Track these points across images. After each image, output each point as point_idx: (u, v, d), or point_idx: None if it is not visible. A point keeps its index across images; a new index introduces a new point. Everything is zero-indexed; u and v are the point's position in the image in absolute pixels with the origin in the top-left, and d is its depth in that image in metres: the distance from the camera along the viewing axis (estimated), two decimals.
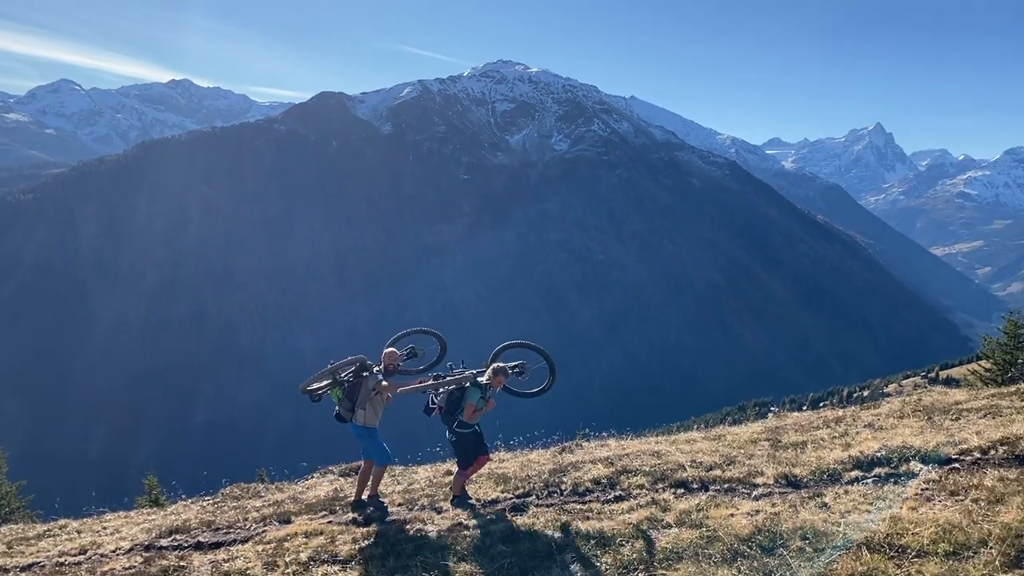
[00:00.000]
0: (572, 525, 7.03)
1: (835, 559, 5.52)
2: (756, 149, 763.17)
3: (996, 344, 26.18)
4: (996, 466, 7.35)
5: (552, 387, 9.16)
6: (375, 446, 8.88)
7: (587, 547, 6.39)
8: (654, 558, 5.93)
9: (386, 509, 8.79)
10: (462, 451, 8.61)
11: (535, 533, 6.94)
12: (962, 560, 5.25)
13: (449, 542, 7.20)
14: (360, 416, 8.80)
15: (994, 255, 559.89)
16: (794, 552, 5.75)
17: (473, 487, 9.27)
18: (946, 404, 11.36)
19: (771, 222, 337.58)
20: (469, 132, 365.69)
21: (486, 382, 8.47)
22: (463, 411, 8.41)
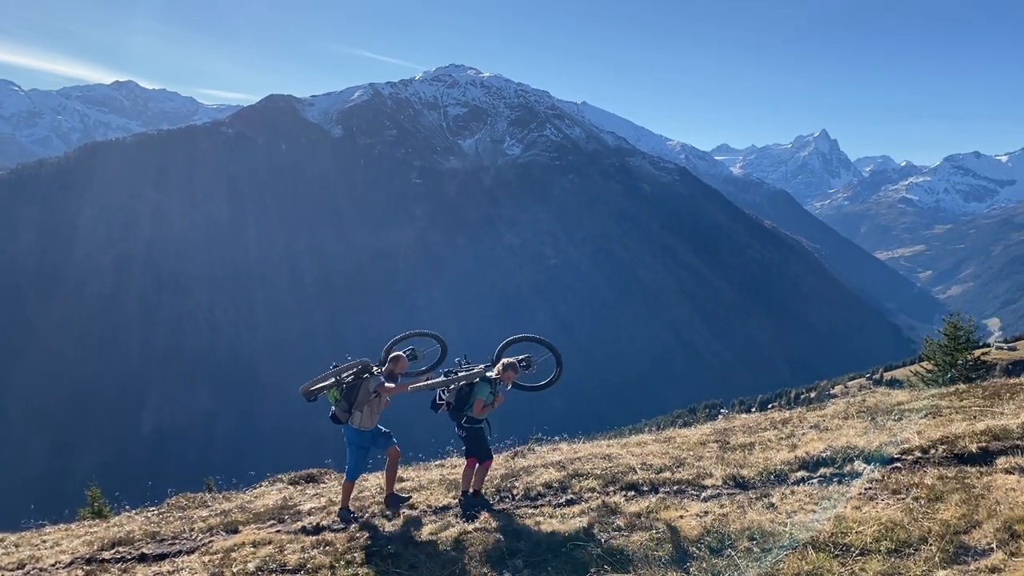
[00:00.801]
0: (524, 529, 7.02)
1: (782, 559, 5.60)
2: (705, 155, 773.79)
3: (937, 346, 26.94)
4: (936, 465, 7.55)
5: (559, 379, 9.06)
6: (355, 459, 8.70)
7: (539, 551, 6.39)
8: (605, 561, 5.95)
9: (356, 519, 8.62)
10: (477, 444, 8.49)
11: (487, 539, 6.91)
12: (903, 557, 5.37)
13: (400, 549, 7.13)
14: (356, 418, 8.60)
15: (935, 259, 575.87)
16: (742, 553, 5.82)
17: (424, 494, 9.21)
18: (889, 405, 11.64)
19: (720, 227, 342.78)
20: (421, 136, 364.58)
21: (496, 377, 8.41)
22: (472, 407, 8.34)
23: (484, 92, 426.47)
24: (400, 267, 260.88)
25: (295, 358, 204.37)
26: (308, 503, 9.75)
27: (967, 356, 25.89)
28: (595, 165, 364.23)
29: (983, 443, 7.91)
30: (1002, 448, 7.73)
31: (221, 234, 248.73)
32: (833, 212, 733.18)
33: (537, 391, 9.28)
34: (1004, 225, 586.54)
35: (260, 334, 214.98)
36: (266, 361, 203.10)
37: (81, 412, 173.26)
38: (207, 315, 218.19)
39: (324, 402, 9.05)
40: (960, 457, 7.71)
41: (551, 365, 8.96)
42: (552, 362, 8.96)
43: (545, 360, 8.91)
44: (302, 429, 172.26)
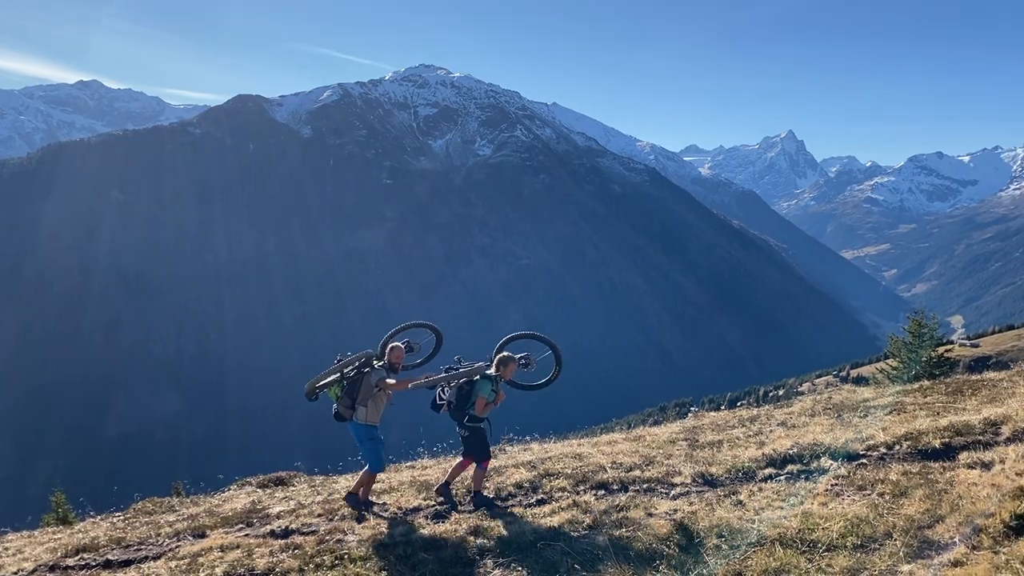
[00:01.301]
0: (494, 530, 7.01)
1: (750, 555, 5.65)
2: (674, 156, 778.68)
3: (902, 343, 27.32)
4: (900, 461, 7.67)
5: (558, 377, 8.94)
6: (371, 451, 8.57)
7: (509, 551, 6.39)
8: (575, 560, 5.96)
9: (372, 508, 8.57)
10: (476, 445, 8.40)
11: (457, 540, 6.89)
12: (869, 552, 5.44)
13: (370, 552, 7.08)
14: (361, 414, 8.52)
15: (900, 258, 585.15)
16: (711, 550, 5.86)
17: (395, 495, 9.17)
18: (855, 402, 11.83)
19: (689, 227, 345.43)
20: (391, 136, 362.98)
21: (495, 374, 8.31)
22: (473, 405, 8.24)
23: (454, 92, 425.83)
24: (371, 268, 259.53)
25: (265, 360, 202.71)
26: (277, 506, 9.66)
27: (931, 353, 26.31)
28: (566, 166, 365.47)
29: (946, 439, 8.05)
30: (964, 443, 7.88)
31: (189, 235, 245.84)
32: (800, 212, 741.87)
33: (537, 389, 9.18)
34: (966, 224, 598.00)
35: (229, 336, 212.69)
36: (235, 364, 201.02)
37: (45, 417, 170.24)
38: (174, 317, 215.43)
39: (294, 404, 8.92)
40: (924, 453, 7.84)
41: (550, 363, 8.84)
42: (551, 360, 8.83)
43: (544, 358, 8.78)
44: (273, 432, 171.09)
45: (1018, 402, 9.25)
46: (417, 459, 12.58)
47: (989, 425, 8.29)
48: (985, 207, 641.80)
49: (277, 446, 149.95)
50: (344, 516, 8.63)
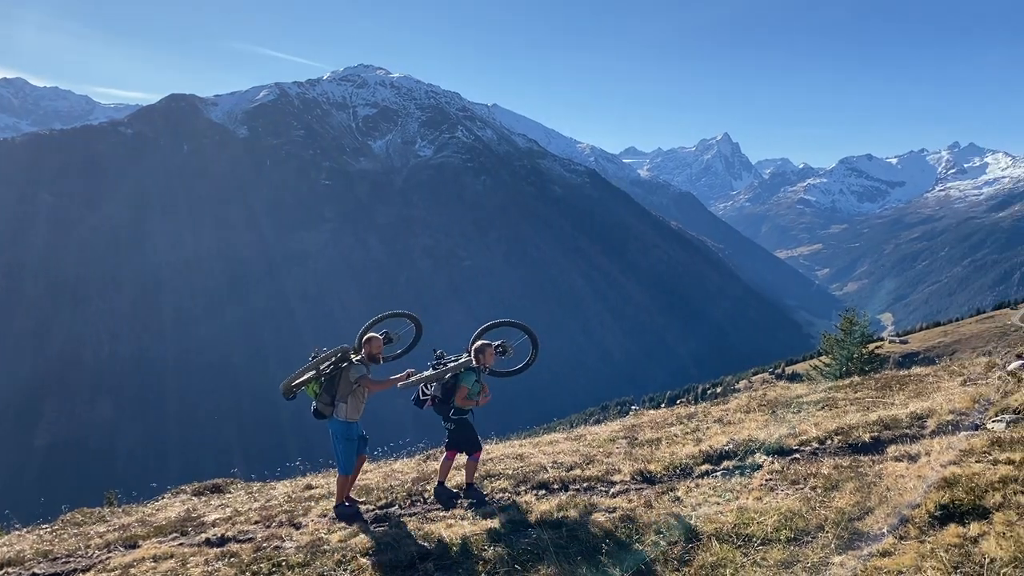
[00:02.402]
0: (435, 533, 6.98)
1: (688, 551, 5.73)
2: (614, 158, 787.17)
3: (834, 340, 28.15)
4: (832, 455, 7.88)
5: (536, 360, 8.87)
6: (344, 453, 8.31)
7: (449, 554, 6.36)
8: (516, 560, 5.96)
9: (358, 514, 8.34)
10: (466, 436, 8.30)
11: (397, 543, 6.84)
12: (802, 545, 5.57)
13: (308, 558, 6.97)
14: (342, 410, 8.25)
15: (832, 257, 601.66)
16: (649, 546, 5.92)
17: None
18: (788, 398, 12.10)
19: (629, 228, 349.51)
20: (330, 137, 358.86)
21: (476, 364, 8.23)
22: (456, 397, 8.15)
23: (394, 93, 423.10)
24: (312, 269, 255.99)
25: (202, 365, 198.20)
26: (213, 514, 9.46)
27: (862, 350, 27.15)
28: (507, 167, 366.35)
29: (875, 433, 8.30)
30: (892, 437, 8.13)
31: (122, 238, 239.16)
32: (736, 213, 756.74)
33: (515, 375, 9.13)
34: (895, 224, 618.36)
35: (165, 341, 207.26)
36: (171, 369, 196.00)
37: None
38: (108, 322, 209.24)
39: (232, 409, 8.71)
40: (854, 447, 8.07)
41: (526, 348, 8.80)
42: (527, 344, 8.79)
43: (520, 344, 8.73)
44: (211, 438, 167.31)
45: (942, 396, 9.58)
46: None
47: (915, 419, 8.58)
48: (912, 208, 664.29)
49: (215, 453, 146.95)
50: (282, 522, 8.48)
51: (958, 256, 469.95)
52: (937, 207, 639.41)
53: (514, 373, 9.09)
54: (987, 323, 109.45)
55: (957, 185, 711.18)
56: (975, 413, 8.47)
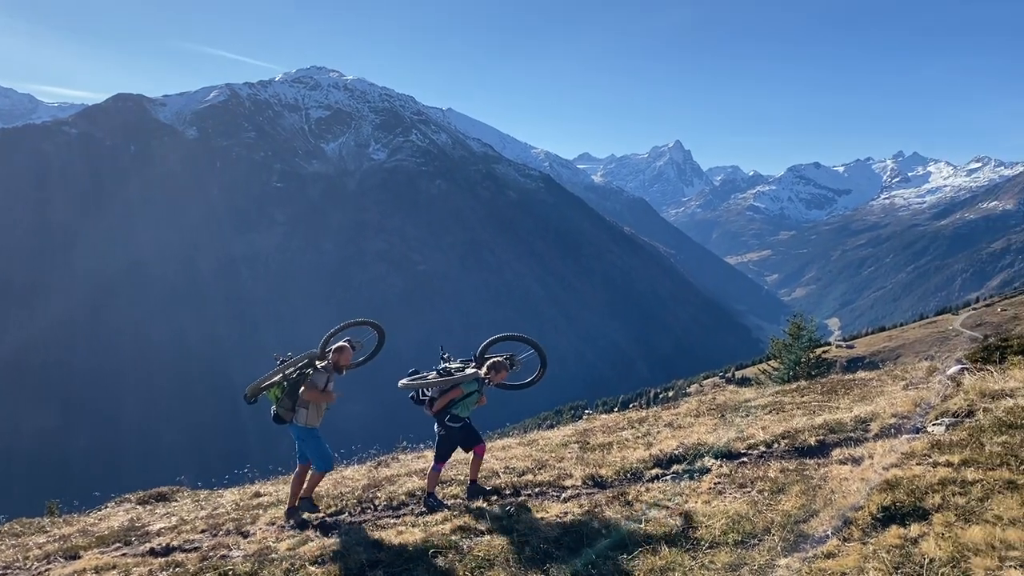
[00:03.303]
0: (385, 540, 6.91)
1: (637, 555, 5.76)
2: (568, 163, 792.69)
3: (782, 345, 28.62)
4: (779, 458, 8.01)
5: (544, 376, 8.78)
6: (316, 449, 8.18)
7: (399, 561, 6.31)
8: (467, 566, 5.94)
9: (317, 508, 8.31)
10: (446, 446, 8.22)
11: (347, 551, 6.75)
12: (749, 548, 5.64)
13: (256, 568, 6.84)
14: (302, 416, 8.10)
15: (781, 263, 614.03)
16: (599, 551, 5.95)
17: (283, 508, 8.91)
18: (737, 402, 12.30)
19: (583, 233, 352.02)
20: (282, 139, 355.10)
21: (484, 376, 8.17)
22: (457, 404, 8.08)
23: (348, 95, 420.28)
24: (261, 273, 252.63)
25: (146, 372, 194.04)
26: (158, 523, 9.26)
27: (809, 354, 27.68)
28: (462, 171, 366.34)
29: (820, 436, 8.47)
30: (837, 440, 8.30)
31: (68, 240, 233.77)
32: (687, 219, 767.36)
33: (521, 389, 9.02)
34: (841, 231, 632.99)
35: (114, 344, 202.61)
36: (116, 375, 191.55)
37: None
38: (49, 327, 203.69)
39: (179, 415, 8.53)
40: (800, 450, 8.22)
41: (533, 363, 8.72)
42: (535, 360, 8.72)
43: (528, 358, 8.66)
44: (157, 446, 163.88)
45: (886, 400, 9.80)
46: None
47: (860, 422, 8.77)
48: (858, 215, 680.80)
49: (161, 460, 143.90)
50: (229, 531, 8.33)
51: (902, 262, 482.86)
52: (882, 214, 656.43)
53: (519, 387, 8.98)
54: (930, 328, 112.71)
55: (901, 193, 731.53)
56: (916, 417, 8.68)
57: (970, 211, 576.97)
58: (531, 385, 8.90)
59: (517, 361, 8.50)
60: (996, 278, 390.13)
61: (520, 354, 8.61)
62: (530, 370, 8.72)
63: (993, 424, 7.53)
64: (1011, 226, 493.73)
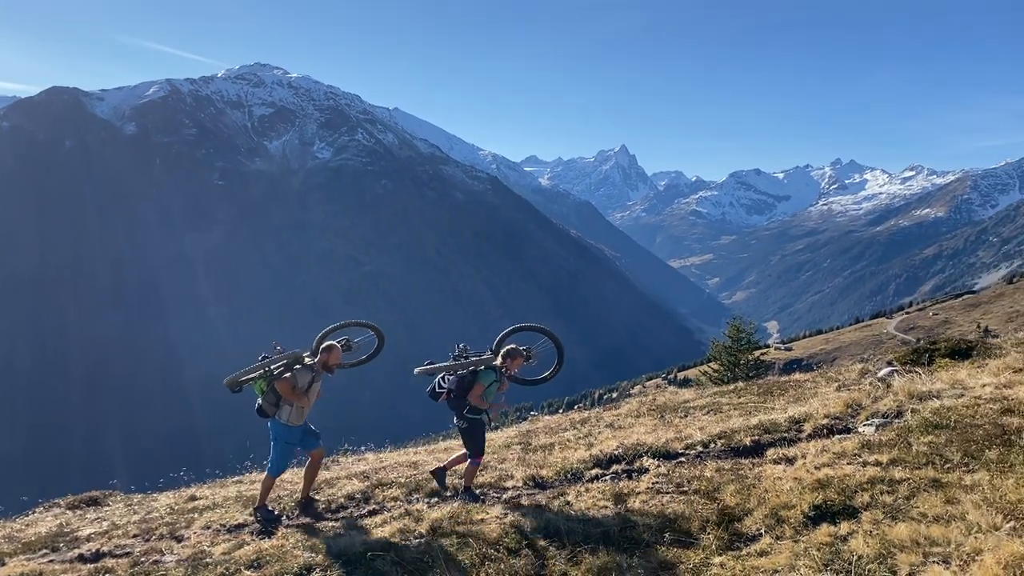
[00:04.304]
0: (323, 544, 6.83)
1: (576, 555, 5.81)
2: (516, 166, 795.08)
3: (722, 347, 29.19)
4: (715, 458, 8.17)
5: (561, 370, 8.63)
6: (278, 454, 8.08)
7: (337, 565, 6.24)
8: (405, 570, 5.91)
9: (278, 518, 8.05)
10: (473, 439, 8.12)
11: (283, 555, 6.65)
12: (685, 547, 5.74)
13: (189, 573, 6.70)
14: (285, 413, 7.95)
15: (722, 267, 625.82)
16: (539, 551, 5.98)
17: (219, 512, 8.75)
18: (676, 403, 12.49)
19: (530, 236, 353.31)
20: (224, 136, 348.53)
21: (500, 365, 8.05)
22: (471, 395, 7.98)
23: (292, 93, 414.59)
24: (201, 273, 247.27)
25: (81, 372, 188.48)
26: (88, 528, 8.99)
27: (748, 356, 28.29)
28: (408, 172, 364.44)
29: (756, 436, 8.66)
30: (771, 440, 8.50)
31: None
32: (632, 223, 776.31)
33: (538, 384, 8.88)
34: (781, 237, 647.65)
35: (41, 347, 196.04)
36: (48, 376, 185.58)
37: None
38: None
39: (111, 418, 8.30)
40: (736, 450, 8.39)
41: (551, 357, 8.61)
42: (552, 353, 8.60)
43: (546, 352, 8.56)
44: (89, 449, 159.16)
45: (819, 401, 10.06)
46: (245, 473, 12.10)
47: (793, 423, 8.99)
48: (797, 221, 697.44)
49: (93, 464, 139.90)
50: (163, 535, 8.14)
51: (839, 267, 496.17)
52: (820, 220, 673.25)
53: (536, 382, 8.84)
54: (865, 331, 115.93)
55: (839, 200, 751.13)
56: (848, 417, 8.94)
57: (904, 218, 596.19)
58: (548, 380, 8.79)
59: (534, 354, 8.42)
60: (928, 283, 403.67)
61: (535, 346, 8.52)
62: (545, 365, 8.64)
63: (920, 424, 7.79)
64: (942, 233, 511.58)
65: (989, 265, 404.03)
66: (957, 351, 12.16)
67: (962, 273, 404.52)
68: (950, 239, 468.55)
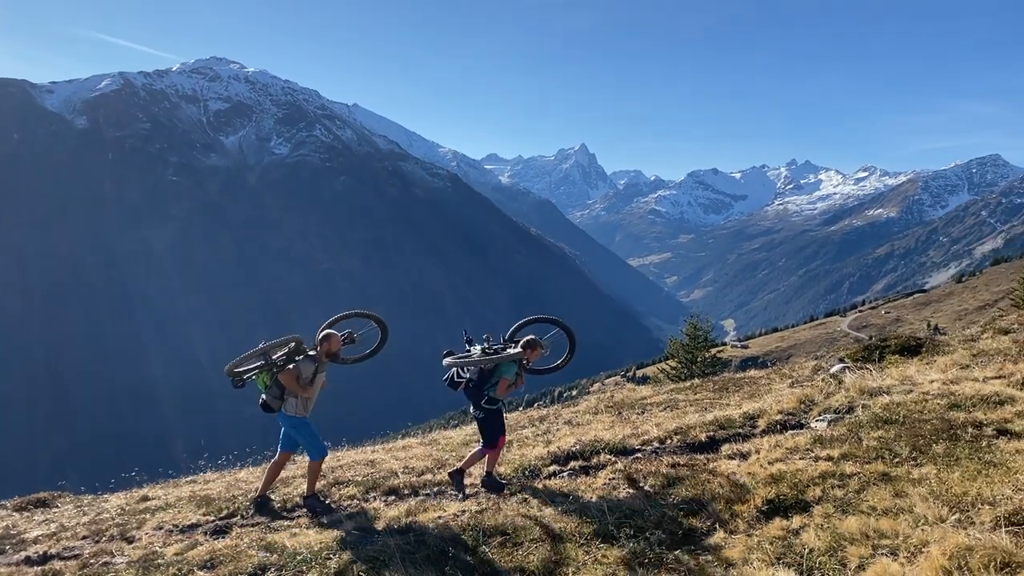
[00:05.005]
0: (278, 543, 6.76)
1: (532, 551, 5.82)
2: (476, 163, 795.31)
3: (680, 345, 29.51)
4: (671, 454, 8.27)
5: (573, 358, 8.61)
6: (308, 438, 7.92)
7: (292, 564, 6.18)
8: (361, 568, 5.87)
9: (331, 509, 7.87)
10: (491, 428, 8.13)
11: (237, 555, 6.57)
12: (640, 542, 5.79)
13: (140, 574, 6.58)
14: (291, 405, 7.85)
15: (680, 266, 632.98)
16: (495, 548, 5.98)
17: (171, 512, 8.60)
18: (634, 400, 12.62)
19: (490, 233, 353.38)
20: (179, 131, 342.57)
21: (523, 356, 8.04)
22: (494, 387, 7.97)
23: (249, 88, 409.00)
24: (154, 271, 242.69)
25: (27, 372, 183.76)
26: (35, 530, 8.79)
27: (705, 354, 28.65)
28: (367, 168, 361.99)
29: (711, 432, 8.79)
30: (726, 436, 8.63)
31: None
32: (592, 221, 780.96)
33: (550, 373, 8.90)
34: (737, 236, 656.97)
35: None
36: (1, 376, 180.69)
37: None
38: None
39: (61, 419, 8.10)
40: (692, 446, 8.51)
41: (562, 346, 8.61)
42: (563, 342, 8.59)
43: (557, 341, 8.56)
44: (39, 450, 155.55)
45: (772, 398, 10.23)
46: (199, 473, 11.92)
47: (748, 419, 9.14)
48: (753, 220, 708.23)
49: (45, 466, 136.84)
50: (113, 536, 7.98)
51: (794, 266, 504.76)
52: (776, 220, 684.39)
53: (548, 371, 8.86)
54: (819, 329, 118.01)
55: (794, 200, 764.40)
56: (801, 413, 9.11)
57: (857, 218, 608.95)
58: (560, 368, 8.80)
59: (547, 344, 8.45)
60: (881, 282, 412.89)
61: (546, 337, 8.54)
62: (559, 354, 8.65)
63: (871, 420, 7.97)
64: (894, 233, 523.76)
65: (939, 264, 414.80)
66: (907, 348, 12.45)
67: (913, 272, 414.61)
68: (902, 239, 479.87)
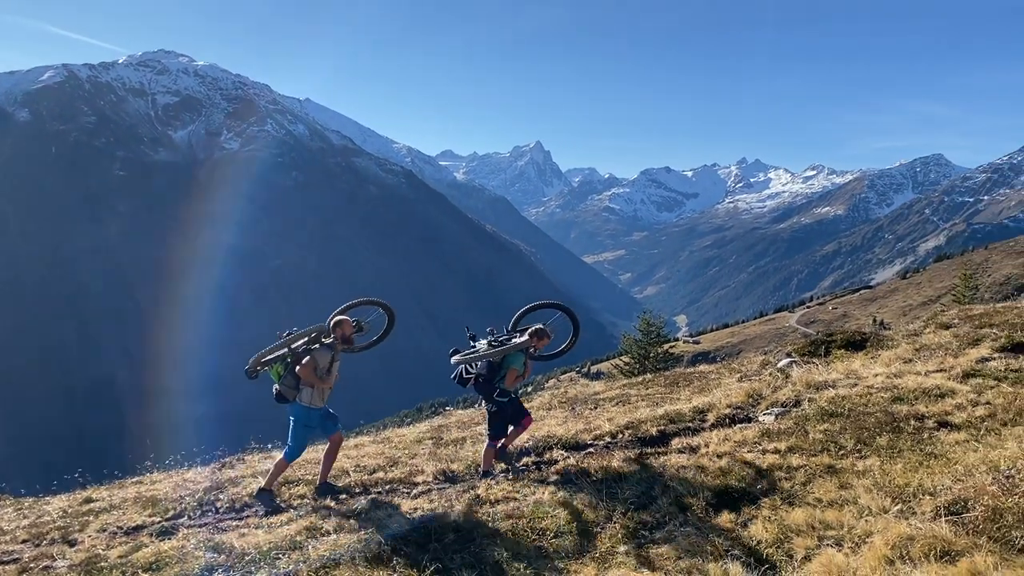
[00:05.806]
0: (226, 543, 6.65)
1: (484, 547, 5.83)
2: (431, 160, 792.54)
3: (633, 341, 29.81)
4: (622, 448, 8.34)
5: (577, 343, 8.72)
6: (295, 436, 7.85)
7: (241, 564, 6.09)
8: (311, 566, 5.82)
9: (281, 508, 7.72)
10: (499, 422, 8.08)
11: (184, 556, 6.45)
12: (592, 537, 5.84)
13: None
14: (306, 395, 7.73)
15: (633, 263, 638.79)
16: (447, 545, 5.98)
17: (116, 514, 8.40)
18: (587, 395, 12.71)
19: (445, 230, 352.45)
20: (125, 125, 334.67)
21: (530, 345, 8.06)
22: (503, 379, 7.97)
23: (198, 81, 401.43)
24: (100, 268, 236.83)
25: None
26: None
27: (658, 349, 28.98)
28: (320, 164, 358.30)
29: (661, 426, 8.89)
30: (676, 430, 8.75)
31: None
32: (547, 218, 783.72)
33: (556, 358, 8.95)
34: (689, 233, 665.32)
35: None
36: None
37: None
38: None
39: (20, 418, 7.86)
40: (643, 440, 8.59)
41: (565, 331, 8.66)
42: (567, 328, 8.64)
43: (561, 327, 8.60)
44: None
45: (722, 392, 10.39)
46: (145, 474, 11.66)
47: (697, 413, 9.27)
48: (705, 218, 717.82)
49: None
50: (55, 540, 7.77)
51: (744, 263, 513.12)
52: (727, 218, 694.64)
53: (552, 356, 8.91)
54: (769, 325, 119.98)
55: (744, 198, 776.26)
56: (749, 407, 9.27)
57: (806, 216, 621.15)
58: (564, 353, 8.88)
59: (550, 330, 8.46)
60: (828, 278, 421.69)
61: (550, 322, 8.58)
62: (561, 338, 8.71)
63: (817, 413, 8.14)
64: (841, 230, 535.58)
65: (885, 261, 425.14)
66: (852, 343, 12.73)
67: (860, 269, 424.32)
68: (849, 236, 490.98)
